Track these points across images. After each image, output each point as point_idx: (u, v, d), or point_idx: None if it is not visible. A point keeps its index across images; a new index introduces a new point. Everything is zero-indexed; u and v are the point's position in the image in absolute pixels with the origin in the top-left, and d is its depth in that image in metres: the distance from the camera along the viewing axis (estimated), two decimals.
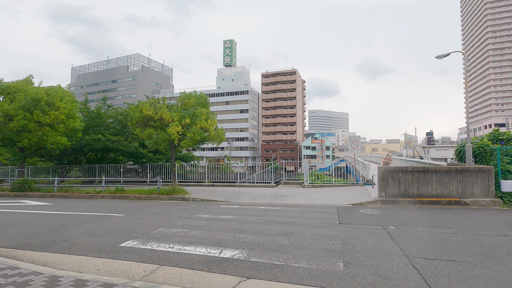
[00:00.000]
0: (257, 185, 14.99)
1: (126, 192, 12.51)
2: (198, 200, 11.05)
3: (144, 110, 12.04)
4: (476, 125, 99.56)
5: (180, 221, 7.03)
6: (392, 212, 7.81)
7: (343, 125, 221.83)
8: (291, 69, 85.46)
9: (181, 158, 19.02)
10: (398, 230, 5.87)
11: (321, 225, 6.43)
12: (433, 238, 5.30)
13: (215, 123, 12.28)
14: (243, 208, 8.98)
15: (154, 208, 9.12)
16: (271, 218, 7.28)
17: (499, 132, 10.35)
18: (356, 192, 11.37)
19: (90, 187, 13.83)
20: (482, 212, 7.65)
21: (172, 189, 11.87)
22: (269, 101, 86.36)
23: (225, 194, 12.19)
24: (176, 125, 11.40)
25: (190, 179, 17.57)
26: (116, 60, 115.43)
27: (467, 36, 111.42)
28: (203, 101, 12.68)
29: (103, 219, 7.32)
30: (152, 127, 12.66)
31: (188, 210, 8.65)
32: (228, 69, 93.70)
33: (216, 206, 9.41)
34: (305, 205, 9.37)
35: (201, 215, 7.86)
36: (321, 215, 7.59)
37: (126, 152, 16.62)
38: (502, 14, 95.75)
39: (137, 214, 8.03)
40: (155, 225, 6.59)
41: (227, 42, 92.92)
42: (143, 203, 10.50)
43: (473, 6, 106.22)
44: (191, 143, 12.35)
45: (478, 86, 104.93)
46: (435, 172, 9.13)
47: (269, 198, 10.85)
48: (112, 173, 18.16)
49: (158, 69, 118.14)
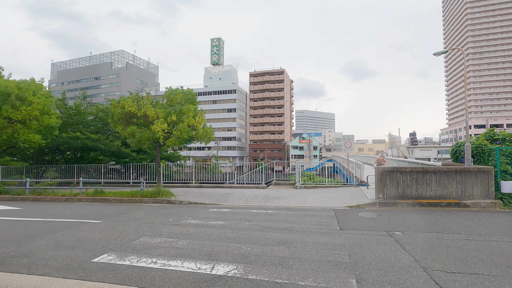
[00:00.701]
0: (247, 186, 14.36)
1: (106, 194, 11.58)
2: (185, 203, 10.30)
3: (127, 106, 11.15)
4: (457, 126, 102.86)
5: (165, 228, 6.29)
6: (393, 216, 7.38)
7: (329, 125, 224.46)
8: (279, 69, 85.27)
9: (167, 157, 18.11)
10: (406, 237, 5.39)
11: (321, 232, 5.87)
12: (445, 245, 4.84)
13: (203, 121, 11.54)
14: (234, 212, 8.33)
15: (136, 213, 8.31)
16: (266, 223, 6.67)
17: (494, 132, 10.17)
18: (351, 194, 10.95)
19: (66, 189, 12.78)
20: (485, 214, 7.33)
21: (157, 191, 11.06)
22: (257, 100, 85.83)
23: (214, 196, 11.49)
24: (161, 123, 10.59)
25: (177, 179, 16.72)
26: (99, 57, 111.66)
27: (449, 40, 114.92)
28: (191, 97, 11.92)
29: (76, 227, 6.48)
30: (135, 124, 11.77)
31: (174, 215, 7.91)
32: (216, 67, 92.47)
33: (205, 210, 8.71)
34: (300, 208, 8.82)
35: (189, 220, 7.15)
36: (319, 219, 7.05)
37: (107, 151, 15.58)
38: (481, 19, 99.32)
39: (117, 220, 7.22)
40: (136, 233, 5.83)
41: (215, 40, 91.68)
42: (124, 207, 9.65)
43: (454, 11, 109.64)
44: (177, 142, 11.56)
45: (458, 89, 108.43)
46: (434, 172, 8.79)
47: (261, 201, 10.24)
48: (92, 174, 17.04)
49: (144, 66, 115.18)
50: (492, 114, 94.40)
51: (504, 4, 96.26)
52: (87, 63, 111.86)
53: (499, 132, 10.15)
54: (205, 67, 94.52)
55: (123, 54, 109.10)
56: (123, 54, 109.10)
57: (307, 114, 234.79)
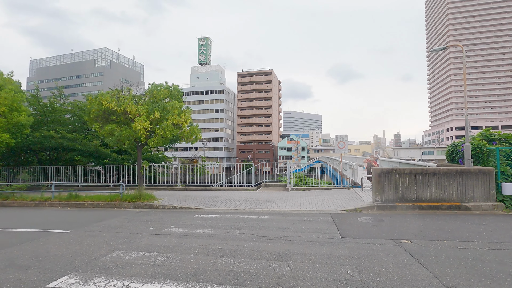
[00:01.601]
0: (236, 189, 13.63)
1: (81, 198, 10.56)
2: (168, 208, 9.46)
3: (105, 102, 10.20)
4: (439, 127, 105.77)
5: (143, 239, 5.49)
6: (395, 221, 6.86)
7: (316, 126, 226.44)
8: (267, 69, 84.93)
9: (150, 158, 17.11)
10: (416, 246, 4.84)
11: (321, 241, 5.24)
12: (462, 256, 4.31)
13: (189, 119, 10.74)
14: (223, 217, 7.59)
15: (113, 220, 7.43)
16: (259, 231, 5.98)
17: (490, 132, 9.91)
18: (346, 196, 10.43)
19: (37, 193, 11.63)
20: (490, 219, 6.93)
21: (138, 194, 10.15)
22: (245, 101, 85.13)
23: (200, 199, 10.70)
24: (143, 120, 9.73)
25: (161, 182, 15.78)
26: (82, 54, 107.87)
27: (431, 45, 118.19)
28: (176, 93, 11.10)
29: (39, 239, 5.57)
30: (115, 122, 10.84)
31: (155, 222, 7.09)
32: (203, 67, 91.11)
33: (191, 216, 7.92)
34: (294, 213, 8.18)
35: (172, 229, 6.36)
36: (317, 226, 6.43)
37: (84, 152, 14.45)
38: (462, 25, 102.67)
39: (89, 230, 6.34)
40: (109, 246, 5.00)
41: (202, 39, 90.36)
42: (100, 213, 8.72)
43: (436, 17, 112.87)
44: (161, 141, 10.71)
45: (440, 91, 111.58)
46: (434, 174, 8.37)
47: (252, 204, 9.54)
48: (70, 176, 15.84)
49: (128, 65, 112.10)
50: (472, 116, 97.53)
51: (483, 11, 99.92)
52: (69, 61, 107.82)
53: (495, 132, 9.91)
54: (192, 67, 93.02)
55: (107, 52, 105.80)
56: (107, 52, 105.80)
57: (294, 116, 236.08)
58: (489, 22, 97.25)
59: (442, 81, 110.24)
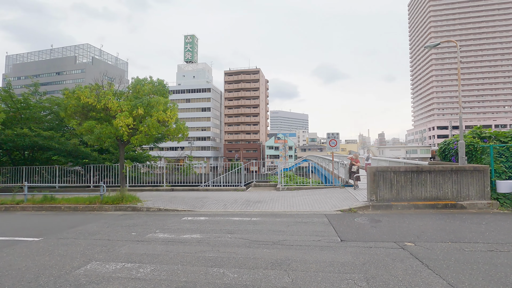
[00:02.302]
0: (225, 189, 13.13)
1: (57, 201, 9.77)
2: (153, 210, 8.86)
3: (83, 97, 9.44)
4: (422, 127, 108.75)
5: (124, 247, 4.92)
6: (393, 221, 6.58)
7: (303, 126, 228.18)
8: (254, 68, 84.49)
9: (134, 158, 16.32)
10: (421, 250, 4.53)
11: (321, 245, 4.85)
12: (473, 261, 4.02)
13: (175, 116, 10.14)
14: (212, 220, 7.09)
15: (91, 225, 6.78)
16: (253, 235, 5.53)
17: (481, 129, 9.88)
18: (339, 196, 10.14)
19: (8, 196, 10.71)
20: (488, 218, 6.77)
21: (120, 196, 9.48)
22: (232, 100, 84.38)
23: (187, 200, 10.14)
24: (125, 117, 9.06)
25: (146, 182, 15.04)
26: (62, 50, 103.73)
27: (414, 46, 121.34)
28: (161, 88, 10.47)
29: (1, 250, 4.89)
30: (95, 119, 10.09)
31: (138, 227, 6.51)
32: (189, 65, 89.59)
33: (177, 219, 7.38)
34: (288, 214, 7.79)
35: (157, 234, 5.81)
36: (313, 228, 6.06)
37: (62, 151, 13.52)
38: (443, 28, 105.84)
39: (62, 237, 5.70)
40: (83, 257, 4.42)
41: (188, 37, 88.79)
42: (78, 217, 8.01)
43: (419, 20, 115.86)
44: (145, 139, 10.06)
45: (423, 92, 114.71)
46: (429, 172, 8.19)
47: (242, 205, 9.09)
48: (47, 177, 14.84)
49: (112, 62, 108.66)
50: (453, 116, 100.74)
51: (463, 14, 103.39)
52: (48, 57, 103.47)
53: (486, 130, 9.89)
54: (178, 65, 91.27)
55: (89, 48, 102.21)
56: (89, 48, 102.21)
57: (281, 115, 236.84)
58: (469, 26, 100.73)
59: (424, 82, 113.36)
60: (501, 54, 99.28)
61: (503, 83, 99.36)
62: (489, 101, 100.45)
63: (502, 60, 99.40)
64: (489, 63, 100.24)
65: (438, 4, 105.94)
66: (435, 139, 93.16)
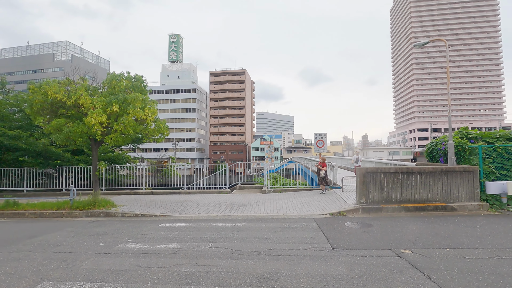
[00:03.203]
0: (208, 191, 12.50)
1: (20, 207, 8.86)
2: (128, 216, 8.15)
3: (51, 93, 8.60)
4: (403, 129, 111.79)
5: (87, 261, 4.27)
6: (384, 225, 6.23)
7: (289, 127, 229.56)
8: (240, 69, 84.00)
9: (112, 159, 15.37)
10: (419, 258, 4.16)
11: (311, 255, 4.40)
12: (476, 270, 3.68)
13: (155, 114, 9.46)
14: (192, 227, 6.51)
15: (53, 234, 6.03)
16: (236, 244, 5.01)
17: (468, 130, 9.81)
18: (327, 198, 9.78)
19: None
20: (480, 220, 6.55)
21: (92, 200, 8.69)
22: (218, 100, 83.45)
23: (167, 204, 9.47)
24: (98, 114, 8.31)
25: (125, 185, 14.16)
26: (39, 47, 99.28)
27: (396, 50, 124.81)
28: (139, 84, 9.76)
29: None
30: (65, 116, 9.26)
31: (108, 236, 5.83)
32: (174, 65, 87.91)
33: (154, 225, 6.74)
34: (274, 218, 7.31)
35: (128, 244, 5.17)
36: (302, 234, 5.60)
37: (30, 151, 12.45)
38: (423, 33, 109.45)
39: (16, 249, 4.95)
40: (35, 275, 3.74)
41: (173, 36, 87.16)
42: (42, 225, 7.21)
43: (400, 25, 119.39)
44: (121, 139, 9.32)
45: (405, 95, 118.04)
46: (419, 173, 7.95)
47: (226, 209, 8.53)
48: (16, 180, 13.67)
49: (93, 60, 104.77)
50: (432, 119, 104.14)
51: (442, 21, 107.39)
52: (24, 54, 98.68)
53: (472, 131, 9.83)
54: (162, 64, 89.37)
55: (68, 46, 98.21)
56: (68, 46, 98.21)
57: (267, 116, 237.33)
58: (447, 32, 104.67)
59: (405, 86, 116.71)
60: (477, 60, 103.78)
61: (479, 88, 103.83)
62: (466, 105, 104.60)
63: (477, 66, 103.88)
64: (466, 68, 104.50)
65: (419, 11, 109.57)
66: (416, 141, 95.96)
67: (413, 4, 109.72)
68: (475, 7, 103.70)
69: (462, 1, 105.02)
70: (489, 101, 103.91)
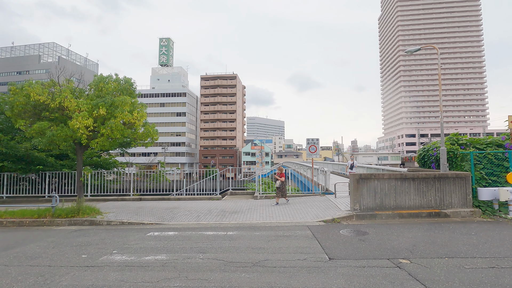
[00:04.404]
0: (199, 198, 12.18)
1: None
2: (115, 224, 7.77)
3: (33, 94, 8.19)
4: (392, 135, 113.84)
5: (67, 276, 3.94)
6: (380, 233, 6.11)
7: (279, 132, 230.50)
8: (231, 74, 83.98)
9: (98, 164, 14.86)
10: (420, 269, 4.03)
11: (308, 266, 4.20)
12: (479, 281, 3.56)
13: (144, 117, 9.14)
14: (182, 236, 6.22)
15: (32, 245, 5.64)
16: (229, 255, 4.76)
17: (458, 136, 9.90)
18: (320, 204, 9.63)
19: None
20: (475, 227, 6.52)
21: (76, 208, 8.28)
22: (209, 105, 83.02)
23: (156, 211, 9.12)
24: (83, 117, 7.95)
25: (112, 191, 13.67)
26: (25, 48, 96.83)
27: (384, 57, 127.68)
28: (128, 87, 9.45)
29: None
30: (48, 119, 8.84)
31: (92, 246, 5.48)
32: (164, 69, 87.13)
33: (142, 234, 6.41)
34: (268, 226, 7.09)
35: (113, 256, 4.85)
36: (297, 243, 5.41)
37: (11, 156, 11.85)
38: (410, 41, 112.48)
39: None
40: None
41: (164, 40, 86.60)
42: (20, 235, 6.76)
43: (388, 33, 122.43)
44: (107, 144, 8.95)
45: (392, 101, 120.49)
46: (412, 179, 7.92)
47: (217, 216, 8.26)
48: None
49: (81, 63, 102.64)
50: (419, 125, 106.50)
51: (428, 30, 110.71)
52: (8, 55, 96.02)
53: (462, 137, 9.93)
54: (152, 68, 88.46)
55: (55, 47, 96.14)
56: (55, 47, 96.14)
57: (258, 121, 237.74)
58: (433, 40, 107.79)
59: (393, 92, 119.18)
60: (461, 68, 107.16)
61: (463, 95, 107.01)
62: (451, 111, 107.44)
63: (462, 74, 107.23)
64: (451, 76, 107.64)
65: (406, 20, 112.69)
66: (404, 146, 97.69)
67: (400, 13, 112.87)
68: (459, 17, 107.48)
69: (448, 12, 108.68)
70: (473, 108, 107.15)
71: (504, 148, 8.65)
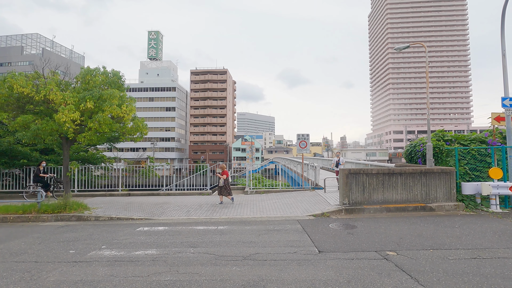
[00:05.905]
0: (189, 193, 12.12)
1: None
2: (103, 220, 7.66)
3: (17, 86, 7.92)
4: (380, 131, 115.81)
5: (54, 271, 3.88)
6: (368, 226, 6.25)
7: (270, 128, 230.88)
8: (222, 68, 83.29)
9: (86, 159, 14.56)
10: (405, 260, 4.15)
11: (298, 259, 4.27)
12: (461, 271, 3.70)
13: (133, 111, 8.99)
14: (172, 230, 6.19)
15: (18, 241, 5.50)
16: (220, 249, 4.78)
17: (444, 133, 10.17)
18: (310, 199, 9.75)
19: None
20: (458, 220, 6.75)
21: (63, 203, 8.10)
22: (199, 100, 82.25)
23: (145, 207, 9.03)
24: (70, 111, 7.75)
25: (100, 186, 13.43)
26: (6, 39, 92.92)
27: (373, 55, 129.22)
28: (116, 80, 9.25)
29: None
30: (33, 112, 8.58)
31: (80, 242, 5.39)
32: (153, 62, 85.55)
33: (131, 230, 6.35)
34: (258, 220, 7.14)
35: (102, 251, 4.79)
36: (287, 237, 5.48)
37: None
38: (398, 40, 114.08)
39: None
40: None
41: (153, 33, 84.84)
42: (4, 231, 6.58)
43: (378, 30, 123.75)
44: (95, 138, 8.77)
45: (381, 98, 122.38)
46: (400, 174, 8.10)
47: (207, 211, 8.26)
48: None
49: (66, 55, 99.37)
50: (406, 122, 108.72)
51: (416, 28, 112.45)
52: None
53: (448, 133, 10.20)
54: (141, 61, 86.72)
55: (39, 39, 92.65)
56: (39, 39, 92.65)
57: (248, 117, 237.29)
58: (421, 39, 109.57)
59: (382, 89, 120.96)
60: (447, 66, 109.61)
61: (449, 93, 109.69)
62: (437, 109, 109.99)
63: (448, 72, 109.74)
64: (437, 74, 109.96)
65: (395, 18, 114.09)
66: (392, 143, 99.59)
67: (389, 11, 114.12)
68: (447, 16, 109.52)
69: (435, 11, 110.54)
70: (458, 105, 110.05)
71: (487, 144, 8.95)
